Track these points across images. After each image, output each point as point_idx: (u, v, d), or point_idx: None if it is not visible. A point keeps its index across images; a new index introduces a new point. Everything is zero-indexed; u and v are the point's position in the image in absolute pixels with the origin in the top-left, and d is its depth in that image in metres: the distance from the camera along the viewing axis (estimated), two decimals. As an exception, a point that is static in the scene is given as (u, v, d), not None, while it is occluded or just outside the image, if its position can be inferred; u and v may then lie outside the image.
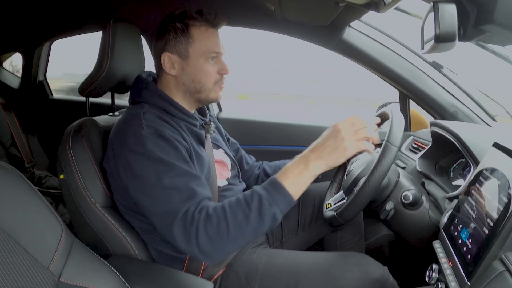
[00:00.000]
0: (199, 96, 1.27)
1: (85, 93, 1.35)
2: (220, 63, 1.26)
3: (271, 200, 1.01)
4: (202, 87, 1.26)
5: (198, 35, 1.22)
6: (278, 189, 1.02)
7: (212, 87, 1.26)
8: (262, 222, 1.01)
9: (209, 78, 1.25)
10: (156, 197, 1.05)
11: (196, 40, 1.22)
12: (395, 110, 1.26)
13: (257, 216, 1.00)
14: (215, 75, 1.25)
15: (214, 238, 1.00)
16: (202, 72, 1.24)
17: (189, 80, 1.25)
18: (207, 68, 1.24)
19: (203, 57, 1.23)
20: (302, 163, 1.05)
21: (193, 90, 1.26)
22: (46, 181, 2.49)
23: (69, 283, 0.84)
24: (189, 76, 1.25)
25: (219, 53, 1.25)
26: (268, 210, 1.01)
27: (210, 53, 1.23)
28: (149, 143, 1.09)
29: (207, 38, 1.23)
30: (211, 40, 1.24)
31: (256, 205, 1.01)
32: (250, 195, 1.03)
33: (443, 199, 1.23)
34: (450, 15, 0.80)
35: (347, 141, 1.01)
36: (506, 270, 0.71)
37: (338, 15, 1.54)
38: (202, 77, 1.24)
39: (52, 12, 2.38)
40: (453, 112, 1.77)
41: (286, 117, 2.33)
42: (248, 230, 1.01)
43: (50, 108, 2.90)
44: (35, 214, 0.85)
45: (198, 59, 1.23)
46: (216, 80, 1.26)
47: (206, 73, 1.24)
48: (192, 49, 1.23)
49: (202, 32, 1.23)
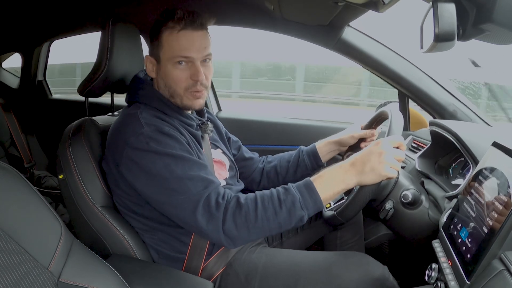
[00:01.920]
0: (174, 101, 1.22)
1: (84, 93, 1.35)
2: (193, 68, 1.18)
3: (303, 203, 1.05)
4: (174, 93, 1.21)
5: (166, 38, 1.17)
6: (312, 195, 1.06)
7: (184, 93, 1.20)
8: (290, 221, 1.06)
9: (178, 84, 1.19)
10: (171, 189, 1.07)
11: (164, 43, 1.18)
12: (395, 109, 1.26)
13: (287, 215, 1.05)
14: (185, 81, 1.19)
15: (240, 225, 1.04)
16: (171, 77, 1.19)
17: (163, 84, 1.22)
18: (176, 73, 1.18)
19: (171, 62, 1.18)
20: (340, 174, 1.08)
21: (167, 94, 1.23)
22: (46, 181, 2.49)
23: (68, 283, 0.84)
24: (162, 80, 1.22)
25: (188, 57, 1.17)
26: (298, 213, 1.05)
27: (176, 58, 1.17)
28: (152, 140, 1.09)
29: (174, 42, 1.16)
30: (179, 44, 1.16)
31: (288, 205, 1.05)
32: (284, 193, 1.07)
33: (442, 198, 1.23)
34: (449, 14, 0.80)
35: (385, 166, 1.04)
36: (505, 269, 0.71)
37: (337, 14, 1.54)
38: (172, 83, 1.20)
39: (51, 12, 2.38)
40: (452, 111, 1.77)
41: (285, 116, 2.33)
42: (274, 225, 1.05)
43: (50, 108, 2.90)
44: (34, 214, 0.85)
45: (166, 64, 1.19)
46: (187, 86, 1.19)
47: (174, 79, 1.19)
48: (161, 53, 1.19)
49: (170, 35, 1.17)
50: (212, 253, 1.25)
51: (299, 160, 1.53)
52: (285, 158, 1.57)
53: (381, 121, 1.43)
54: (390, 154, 1.05)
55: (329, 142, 1.52)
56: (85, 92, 1.35)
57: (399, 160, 1.07)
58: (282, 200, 1.05)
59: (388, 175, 1.05)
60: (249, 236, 1.06)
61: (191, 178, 1.07)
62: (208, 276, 1.23)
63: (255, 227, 1.04)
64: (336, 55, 1.90)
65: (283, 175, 1.54)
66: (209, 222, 1.05)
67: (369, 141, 1.46)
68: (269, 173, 1.56)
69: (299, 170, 1.53)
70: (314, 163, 1.52)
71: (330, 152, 1.53)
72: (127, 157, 1.11)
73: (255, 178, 1.57)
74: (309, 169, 1.52)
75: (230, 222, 1.04)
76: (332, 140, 1.52)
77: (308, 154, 1.52)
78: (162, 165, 1.08)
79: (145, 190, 1.11)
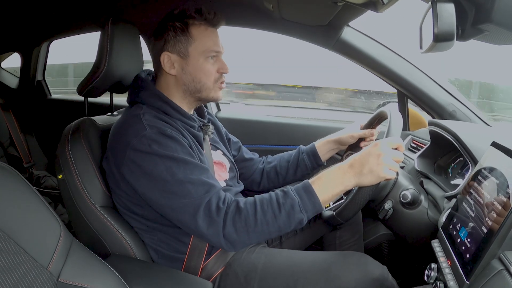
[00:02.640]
0: (200, 95, 1.27)
1: (83, 93, 1.35)
2: (219, 62, 1.26)
3: (302, 206, 1.06)
4: (203, 86, 1.26)
5: (198, 34, 1.23)
6: (311, 198, 1.07)
7: (213, 86, 1.26)
8: (289, 225, 1.07)
9: (209, 77, 1.25)
10: (173, 192, 1.08)
11: (196, 39, 1.23)
12: (394, 109, 1.26)
13: (286, 219, 1.06)
14: (214, 74, 1.25)
15: (240, 230, 1.06)
16: (202, 71, 1.24)
17: (189, 80, 1.25)
18: (207, 67, 1.24)
19: (203, 56, 1.23)
20: (339, 176, 1.09)
21: (193, 89, 1.26)
22: (45, 181, 2.49)
23: (68, 283, 0.84)
24: (189, 76, 1.25)
25: (218, 52, 1.25)
26: (297, 216, 1.06)
27: (210, 52, 1.23)
28: (154, 142, 1.10)
29: (206, 37, 1.23)
30: (211, 39, 1.24)
31: (287, 209, 1.06)
32: (283, 197, 1.08)
33: (441, 198, 1.23)
34: (449, 14, 0.80)
35: (384, 168, 1.05)
36: (504, 269, 0.71)
37: (336, 14, 1.54)
38: (202, 76, 1.25)
39: (50, 12, 2.38)
40: (451, 111, 1.77)
41: (284, 116, 2.33)
42: (274, 228, 1.07)
43: (49, 108, 2.90)
44: (33, 214, 0.85)
45: (198, 58, 1.23)
46: (216, 79, 1.26)
47: (206, 72, 1.24)
48: (192, 48, 1.23)
49: (201, 31, 1.23)
50: (211, 253, 1.25)
51: (299, 160, 1.53)
52: (284, 158, 1.57)
53: (381, 121, 1.43)
54: (389, 156, 1.05)
55: (328, 141, 1.53)
56: (85, 92, 1.34)
57: (398, 161, 1.08)
58: (281, 203, 1.06)
59: (387, 177, 1.06)
60: (249, 239, 1.07)
61: (193, 181, 1.08)
62: (207, 276, 1.23)
63: (255, 231, 1.06)
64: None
65: (283, 175, 1.55)
66: (210, 227, 1.06)
67: (368, 141, 1.46)
68: (269, 173, 1.57)
69: (299, 170, 1.53)
70: (314, 163, 1.52)
71: (330, 151, 1.54)
72: (129, 158, 1.11)
73: (255, 179, 1.58)
74: (309, 168, 1.53)
75: (230, 226, 1.05)
76: (332, 139, 1.52)
77: (308, 154, 1.53)
78: (164, 168, 1.08)
79: (146, 192, 1.11)
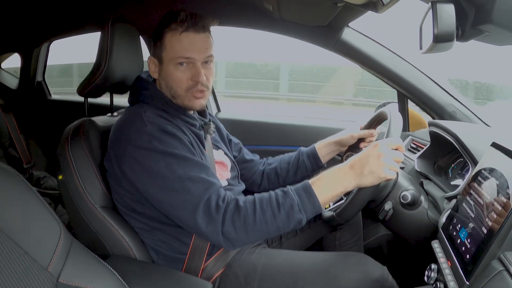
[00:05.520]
0: (176, 101, 1.24)
1: (83, 93, 1.35)
2: (193, 70, 1.20)
3: (301, 206, 1.06)
4: (175, 94, 1.22)
5: (169, 40, 1.19)
6: (310, 198, 1.06)
7: (185, 94, 1.22)
8: (288, 224, 1.07)
9: (179, 85, 1.21)
10: (172, 189, 1.07)
11: (167, 44, 1.19)
12: (394, 110, 1.26)
13: (285, 218, 1.05)
14: (186, 82, 1.20)
15: (239, 228, 1.05)
16: (172, 78, 1.21)
17: (164, 85, 1.24)
18: (177, 75, 1.20)
19: (172, 63, 1.19)
20: (339, 177, 1.08)
21: (169, 95, 1.24)
22: (45, 182, 2.48)
23: (68, 284, 0.84)
24: (164, 81, 1.24)
25: (189, 58, 1.19)
26: (297, 216, 1.06)
27: (178, 59, 1.18)
28: (155, 139, 1.10)
29: (176, 43, 1.18)
30: (181, 45, 1.18)
31: (287, 208, 1.05)
32: (283, 196, 1.07)
33: (441, 199, 1.23)
34: (449, 15, 0.80)
35: (384, 168, 1.05)
36: (504, 269, 0.71)
37: (336, 15, 1.54)
38: (173, 84, 1.21)
39: (50, 12, 2.38)
40: (451, 112, 1.77)
41: (284, 117, 2.33)
42: (273, 228, 1.06)
43: (49, 108, 2.90)
44: (33, 215, 0.85)
45: (168, 64, 1.20)
46: (188, 87, 1.21)
47: (175, 80, 1.20)
48: (164, 54, 1.21)
49: (172, 36, 1.18)
50: (212, 254, 1.25)
51: (299, 162, 1.53)
52: (285, 160, 1.57)
53: (381, 121, 1.43)
54: (389, 156, 1.05)
55: (329, 143, 1.52)
56: (85, 92, 1.35)
57: (398, 162, 1.07)
58: (280, 203, 1.06)
59: (387, 177, 1.06)
60: (248, 238, 1.07)
61: (192, 179, 1.08)
62: (207, 277, 1.23)
63: (254, 230, 1.05)
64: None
65: (283, 177, 1.55)
66: (209, 224, 1.05)
67: (368, 142, 1.46)
68: (270, 175, 1.57)
69: (299, 171, 1.53)
70: (314, 164, 1.52)
71: (330, 153, 1.53)
72: (130, 155, 1.11)
73: (256, 180, 1.57)
74: (309, 170, 1.52)
75: (229, 224, 1.04)
76: (332, 141, 1.52)
77: (308, 156, 1.52)
78: (164, 165, 1.08)
79: (146, 189, 1.11)
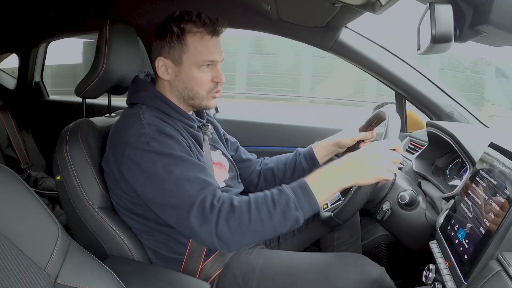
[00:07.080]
0: (192, 102, 1.25)
1: (81, 94, 1.35)
2: (215, 71, 1.22)
3: (297, 204, 1.03)
4: (195, 95, 1.23)
5: (193, 43, 1.18)
6: (307, 195, 1.04)
7: (206, 95, 1.23)
8: (285, 223, 1.03)
9: (202, 87, 1.22)
10: (169, 189, 1.06)
11: (191, 47, 1.18)
12: (392, 110, 1.26)
13: (281, 217, 1.02)
14: (208, 84, 1.22)
15: (234, 228, 1.02)
16: (195, 80, 1.21)
17: (182, 87, 1.23)
18: (200, 77, 1.20)
19: (196, 65, 1.19)
20: (335, 174, 1.07)
21: (186, 96, 1.24)
22: (43, 183, 2.48)
23: (66, 285, 0.84)
24: (182, 83, 1.22)
25: (214, 61, 1.21)
26: (293, 214, 1.03)
27: (203, 62, 1.19)
28: (153, 140, 1.09)
29: (202, 46, 1.18)
30: (207, 48, 1.19)
31: (282, 206, 1.03)
32: (278, 194, 1.05)
33: (439, 199, 1.24)
34: (446, 16, 0.80)
35: (382, 168, 1.04)
36: (502, 269, 0.71)
37: (334, 16, 1.54)
38: (195, 85, 1.21)
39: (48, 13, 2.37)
40: (449, 112, 1.77)
41: (282, 118, 2.33)
42: (269, 228, 1.03)
43: (47, 109, 2.89)
44: (31, 215, 0.85)
45: (191, 67, 1.20)
46: (210, 89, 1.22)
47: (199, 82, 1.21)
48: (185, 57, 1.19)
49: (197, 39, 1.18)
50: (210, 254, 1.24)
51: (296, 163, 1.52)
52: (282, 160, 1.56)
53: (379, 122, 1.43)
54: (387, 157, 1.05)
55: (327, 144, 1.51)
56: (83, 93, 1.34)
57: (396, 162, 1.07)
58: (276, 200, 1.03)
59: (385, 178, 1.05)
60: (243, 239, 1.04)
61: (189, 179, 1.07)
62: (205, 278, 1.22)
63: (249, 230, 1.02)
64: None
65: (280, 178, 1.54)
66: (203, 225, 1.02)
67: (367, 143, 1.46)
68: (266, 175, 1.56)
69: (296, 172, 1.52)
70: (311, 166, 1.51)
71: (328, 154, 1.52)
72: (128, 157, 1.11)
73: (253, 180, 1.57)
74: (306, 171, 1.51)
75: (223, 224, 1.02)
76: (331, 142, 1.50)
77: (305, 157, 1.52)
78: (161, 165, 1.07)
79: (144, 191, 1.11)
